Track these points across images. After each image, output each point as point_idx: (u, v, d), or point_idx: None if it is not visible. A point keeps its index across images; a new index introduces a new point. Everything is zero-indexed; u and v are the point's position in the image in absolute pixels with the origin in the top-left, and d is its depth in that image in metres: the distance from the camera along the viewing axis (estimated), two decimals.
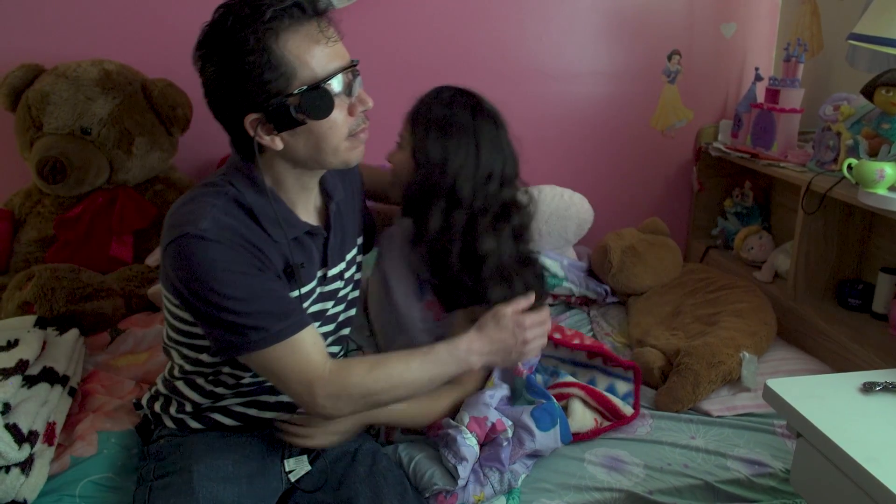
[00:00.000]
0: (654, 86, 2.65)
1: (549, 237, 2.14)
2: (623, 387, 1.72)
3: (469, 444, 1.44)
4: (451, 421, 1.49)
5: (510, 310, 1.37)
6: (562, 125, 2.62)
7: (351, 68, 1.21)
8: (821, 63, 2.38)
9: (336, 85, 1.19)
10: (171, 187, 2.27)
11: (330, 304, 1.43)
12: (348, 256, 1.45)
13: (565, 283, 2.15)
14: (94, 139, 2.08)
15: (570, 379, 1.69)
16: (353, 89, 1.23)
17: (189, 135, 2.28)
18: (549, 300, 2.19)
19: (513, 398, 1.60)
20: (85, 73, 2.09)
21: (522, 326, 1.36)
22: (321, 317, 1.42)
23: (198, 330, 1.28)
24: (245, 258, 1.19)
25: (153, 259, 2.14)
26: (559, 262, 2.15)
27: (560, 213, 2.14)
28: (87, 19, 2.21)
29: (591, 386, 1.67)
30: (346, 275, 1.46)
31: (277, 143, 1.20)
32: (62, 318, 1.79)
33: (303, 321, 1.24)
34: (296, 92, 1.15)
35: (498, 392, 1.56)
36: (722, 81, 2.70)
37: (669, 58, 2.62)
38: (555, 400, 1.57)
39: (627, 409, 1.67)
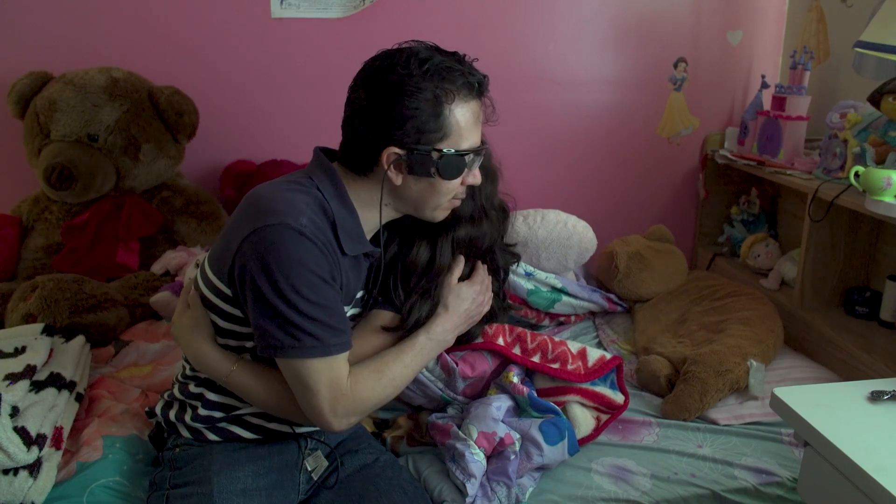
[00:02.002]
0: (660, 93, 2.65)
1: (548, 263, 2.11)
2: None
3: (477, 459, 1.43)
4: (460, 433, 1.48)
5: (454, 279, 1.46)
6: (568, 132, 2.62)
7: (482, 149, 1.34)
8: (827, 70, 2.38)
9: (469, 158, 1.31)
10: (178, 194, 2.28)
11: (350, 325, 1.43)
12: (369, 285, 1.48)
13: (565, 298, 2.11)
14: (102, 146, 2.09)
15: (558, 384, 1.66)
16: (474, 165, 1.35)
17: (195, 142, 2.30)
18: (547, 321, 2.17)
19: (518, 410, 1.59)
20: (92, 80, 2.10)
21: (478, 291, 1.48)
22: None
23: (241, 329, 1.29)
24: (328, 264, 1.23)
25: (159, 266, 2.15)
26: (556, 276, 2.13)
27: (561, 242, 2.09)
28: (94, 27, 2.23)
29: (581, 387, 1.63)
30: (363, 302, 1.48)
31: (398, 180, 1.29)
32: (65, 329, 1.80)
33: (349, 343, 1.27)
34: (442, 150, 1.27)
35: (503, 403, 1.55)
36: (728, 89, 2.70)
37: (676, 65, 2.62)
38: (562, 413, 1.57)
39: (618, 397, 1.65)
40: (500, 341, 1.63)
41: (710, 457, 1.59)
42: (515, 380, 1.58)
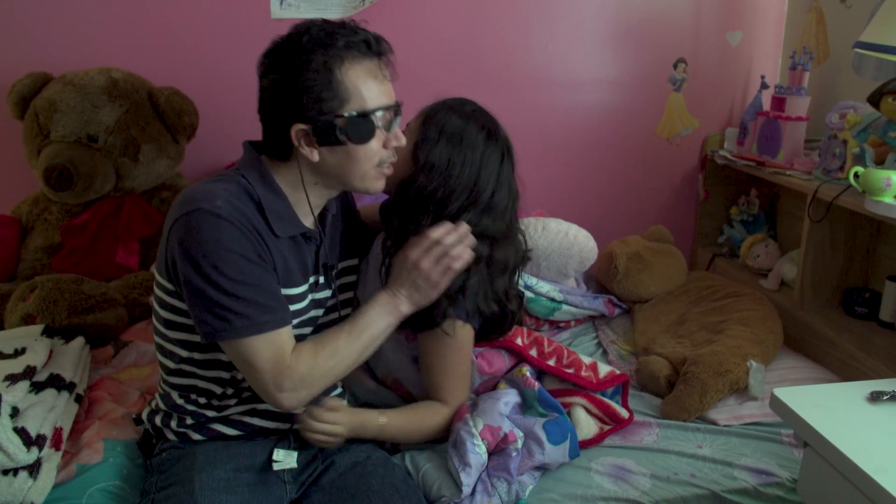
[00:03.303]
0: (659, 94, 2.65)
1: (548, 271, 2.11)
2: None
3: (478, 451, 1.43)
4: (470, 420, 1.49)
5: (408, 248, 1.39)
6: (567, 133, 2.62)
7: (395, 107, 1.34)
8: (827, 71, 2.38)
9: (380, 118, 1.30)
10: (178, 195, 2.27)
11: (321, 311, 1.46)
12: (336, 268, 1.49)
13: (565, 307, 2.13)
14: (101, 147, 2.09)
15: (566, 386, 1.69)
16: (393, 126, 1.34)
17: (195, 142, 2.29)
18: (546, 327, 2.18)
19: (524, 407, 1.60)
20: (92, 81, 2.10)
21: (419, 254, 1.36)
22: (313, 323, 1.45)
23: (186, 321, 1.31)
24: (250, 243, 1.25)
25: None
26: (557, 286, 2.13)
27: (562, 251, 2.09)
28: (94, 28, 2.23)
29: (591, 393, 1.67)
30: (334, 286, 1.49)
31: (314, 155, 1.29)
32: (65, 330, 1.80)
33: (285, 319, 1.29)
34: (345, 115, 1.26)
35: (511, 399, 1.56)
36: (728, 89, 2.70)
37: (675, 66, 2.62)
38: (567, 415, 1.57)
39: (623, 412, 1.68)
40: (519, 341, 1.67)
41: (709, 457, 1.59)
42: (528, 373, 1.61)
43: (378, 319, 1.36)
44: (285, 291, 1.33)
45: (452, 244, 1.36)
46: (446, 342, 1.46)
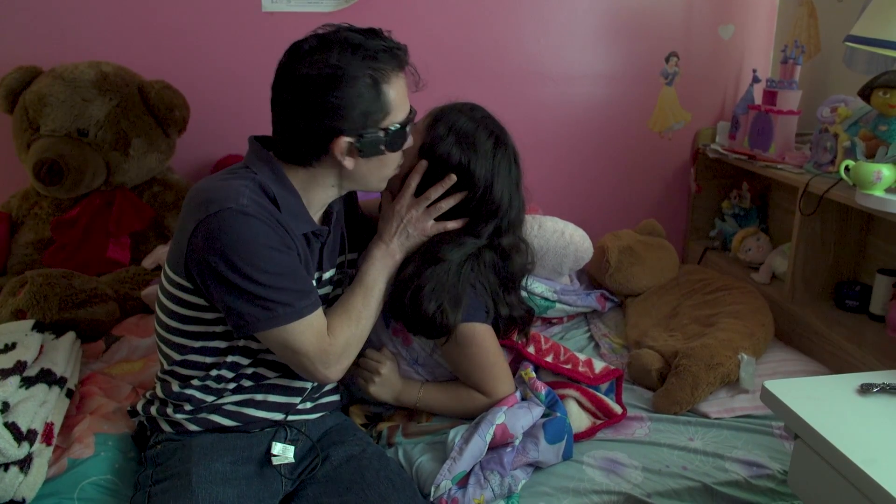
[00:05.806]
0: (651, 88, 2.65)
1: (543, 270, 2.11)
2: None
3: (486, 437, 1.45)
4: (499, 411, 1.50)
5: (395, 201, 1.49)
6: (560, 127, 2.62)
7: (415, 113, 1.39)
8: (818, 65, 2.38)
9: (409, 127, 1.37)
10: (169, 189, 2.26)
11: (325, 307, 1.45)
12: (337, 262, 1.51)
13: (558, 306, 2.13)
14: (91, 141, 2.08)
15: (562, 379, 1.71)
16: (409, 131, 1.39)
17: (186, 136, 2.28)
18: (538, 323, 2.17)
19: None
20: (82, 74, 2.09)
21: (402, 206, 1.47)
22: None
23: (206, 315, 1.33)
24: (278, 236, 1.27)
25: (150, 261, 2.14)
26: (552, 287, 2.14)
27: (557, 251, 2.09)
28: (84, 21, 2.21)
29: (585, 387, 1.68)
30: (337, 278, 1.51)
31: (351, 165, 1.32)
32: (56, 325, 1.79)
33: (318, 301, 1.33)
34: (390, 128, 1.31)
35: (538, 414, 1.56)
36: (720, 83, 2.70)
37: (667, 60, 2.63)
38: (567, 418, 1.58)
39: (617, 408, 1.69)
40: (517, 338, 1.69)
41: (701, 450, 1.60)
42: (534, 375, 1.62)
43: (381, 274, 1.45)
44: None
45: (436, 196, 1.46)
46: (468, 344, 1.50)
